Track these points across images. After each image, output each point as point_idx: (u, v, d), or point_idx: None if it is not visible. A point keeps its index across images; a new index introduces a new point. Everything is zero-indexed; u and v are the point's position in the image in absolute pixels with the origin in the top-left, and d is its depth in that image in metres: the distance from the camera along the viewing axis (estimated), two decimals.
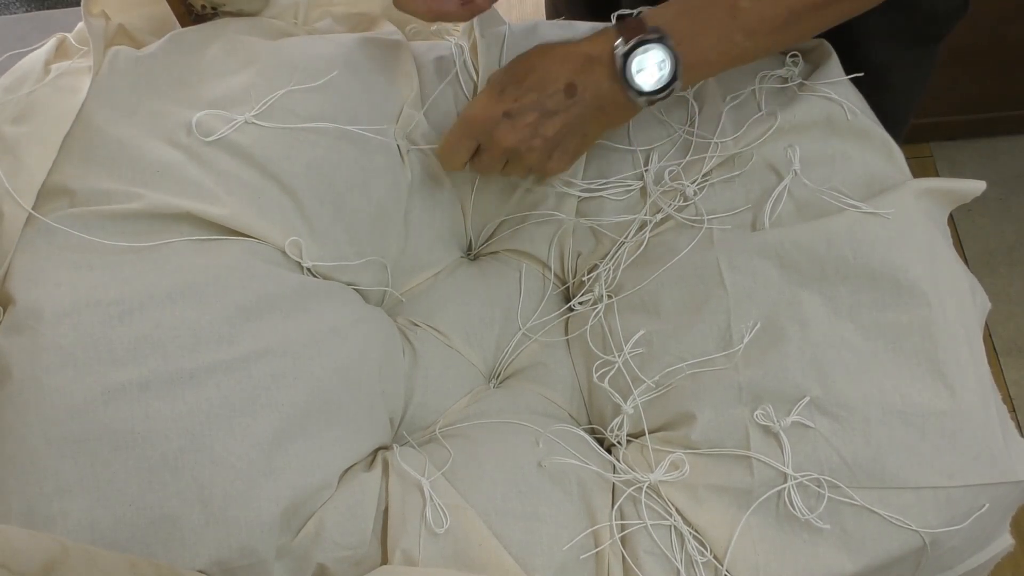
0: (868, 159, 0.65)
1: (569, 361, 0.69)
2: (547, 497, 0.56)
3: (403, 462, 0.57)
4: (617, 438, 0.63)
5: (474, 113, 0.61)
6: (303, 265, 0.61)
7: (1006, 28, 1.26)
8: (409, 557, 0.53)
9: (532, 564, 0.53)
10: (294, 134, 0.60)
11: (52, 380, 0.50)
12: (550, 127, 0.61)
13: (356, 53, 0.66)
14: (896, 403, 0.56)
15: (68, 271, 0.54)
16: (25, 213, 0.55)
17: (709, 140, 0.66)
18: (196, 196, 0.57)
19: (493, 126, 0.61)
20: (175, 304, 0.53)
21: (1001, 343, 1.35)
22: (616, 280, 0.67)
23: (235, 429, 0.51)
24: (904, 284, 0.58)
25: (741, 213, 0.64)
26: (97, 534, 0.48)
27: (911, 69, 0.78)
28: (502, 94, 0.60)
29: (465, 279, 0.71)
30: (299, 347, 0.56)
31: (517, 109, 0.60)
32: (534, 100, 0.60)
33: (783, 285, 0.60)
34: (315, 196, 0.61)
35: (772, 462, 0.55)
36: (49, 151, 0.57)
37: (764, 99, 0.67)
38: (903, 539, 0.54)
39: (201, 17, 0.68)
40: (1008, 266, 1.42)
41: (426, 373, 0.66)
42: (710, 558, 0.55)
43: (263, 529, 0.51)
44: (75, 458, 0.49)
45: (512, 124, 0.60)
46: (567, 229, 0.70)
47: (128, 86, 0.61)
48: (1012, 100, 1.45)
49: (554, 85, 0.59)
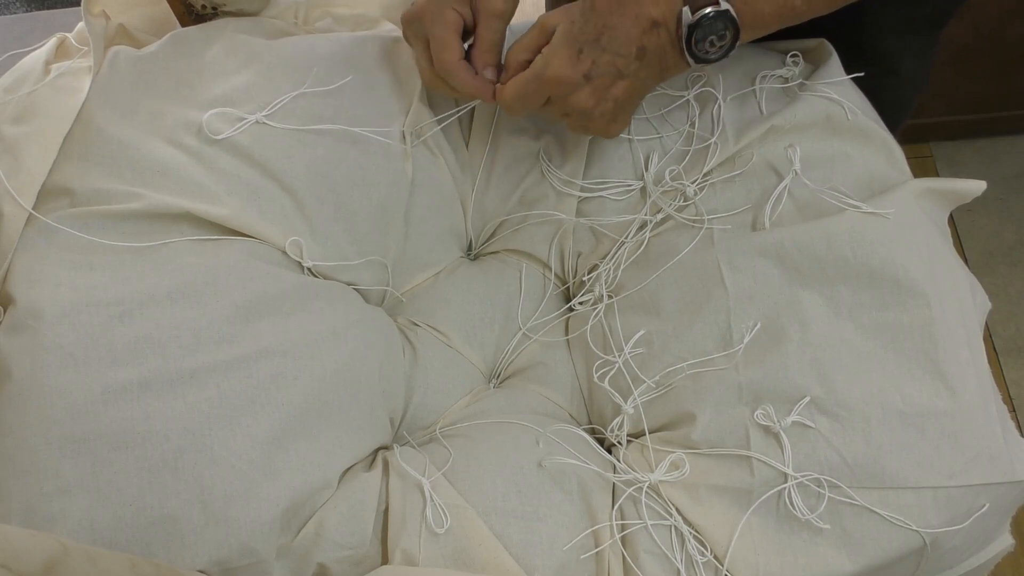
0: (868, 159, 0.65)
1: (569, 361, 0.69)
2: (547, 497, 0.56)
3: (403, 462, 0.57)
4: (617, 438, 0.63)
5: (556, 74, 0.59)
6: (303, 265, 0.61)
7: (1006, 28, 1.26)
8: (409, 557, 0.53)
9: (532, 564, 0.53)
10: (295, 134, 0.60)
11: (52, 380, 0.50)
12: (621, 91, 0.61)
13: (358, 52, 0.67)
14: (896, 403, 0.56)
15: (68, 271, 0.54)
16: (25, 213, 0.55)
17: (709, 140, 0.66)
18: (196, 196, 0.57)
19: (573, 88, 0.60)
20: (175, 304, 0.53)
21: (1001, 343, 1.35)
22: (616, 280, 0.67)
23: (235, 429, 0.51)
24: (904, 284, 0.58)
25: (741, 213, 0.64)
26: (97, 534, 0.48)
27: (916, 55, 0.78)
28: (580, 54, 0.59)
29: (465, 279, 0.71)
30: (299, 347, 0.56)
31: (595, 72, 0.59)
32: (609, 62, 0.59)
33: (783, 285, 0.60)
34: (315, 196, 0.61)
35: (772, 462, 0.55)
36: (49, 151, 0.57)
37: (764, 99, 0.67)
38: (903, 539, 0.54)
39: (201, 17, 0.68)
40: (1008, 266, 1.42)
41: (426, 373, 0.66)
42: (710, 558, 0.55)
43: (263, 529, 0.51)
44: (75, 458, 0.49)
45: (591, 88, 0.60)
46: (567, 229, 0.70)
47: (128, 86, 0.61)
48: (1012, 100, 1.45)
49: (628, 47, 0.59)
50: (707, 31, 0.58)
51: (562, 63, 0.59)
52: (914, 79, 0.81)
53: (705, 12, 0.57)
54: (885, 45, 0.73)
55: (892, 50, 0.75)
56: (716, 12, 0.57)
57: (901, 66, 0.78)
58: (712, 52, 0.59)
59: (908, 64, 0.78)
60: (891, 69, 0.76)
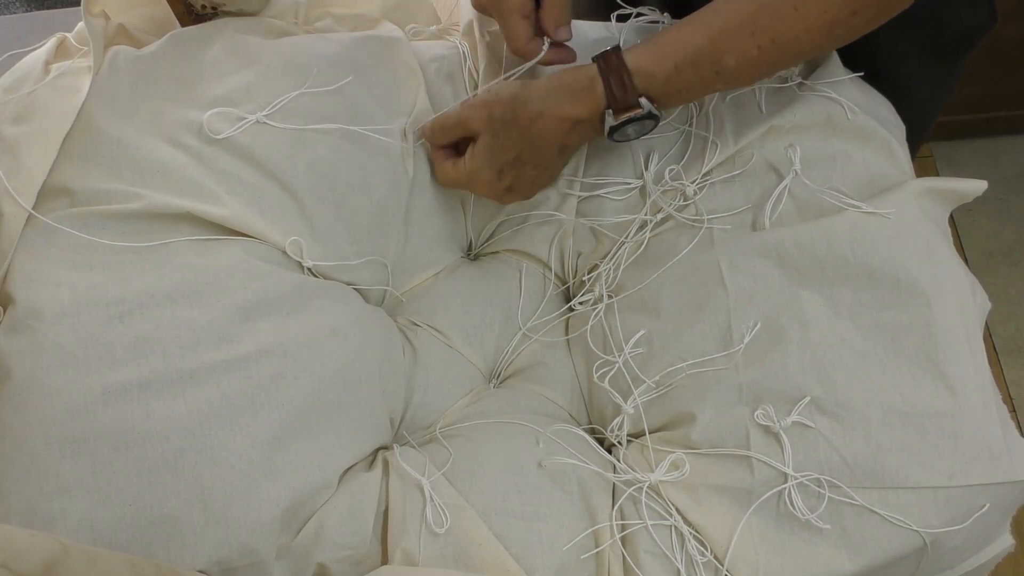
0: (869, 159, 0.64)
1: (569, 361, 0.69)
2: (547, 497, 0.56)
3: (403, 462, 0.57)
4: (617, 438, 0.63)
5: (481, 192, 0.66)
6: (303, 265, 0.61)
7: (1006, 28, 1.26)
8: (409, 557, 0.53)
9: (532, 564, 0.53)
10: (296, 134, 0.60)
11: (52, 380, 0.50)
12: (545, 176, 0.66)
13: (358, 52, 0.66)
14: (896, 403, 0.56)
15: (68, 271, 0.54)
16: (25, 213, 0.55)
17: (709, 140, 0.66)
18: (196, 196, 0.57)
19: (498, 199, 0.67)
20: (175, 304, 0.53)
21: (1001, 343, 1.35)
22: (616, 280, 0.67)
23: (235, 429, 0.51)
24: (904, 284, 0.58)
25: (741, 213, 0.64)
26: (97, 534, 0.48)
27: (935, 85, 0.78)
28: (501, 175, 0.63)
29: (465, 279, 0.71)
30: (299, 347, 0.56)
31: (517, 183, 0.64)
32: (531, 169, 0.63)
33: (783, 285, 0.60)
34: (316, 196, 0.61)
35: (772, 462, 0.55)
36: (49, 151, 0.57)
37: (764, 99, 0.67)
38: (903, 539, 0.54)
39: (201, 17, 0.68)
40: (1008, 266, 1.42)
41: (426, 373, 0.66)
42: (710, 558, 0.55)
43: (263, 529, 0.51)
44: (75, 458, 0.49)
45: (513, 192, 0.65)
46: (567, 229, 0.70)
47: (128, 86, 0.61)
48: (1012, 100, 1.45)
49: (548, 152, 0.63)
50: (631, 126, 0.60)
51: (485, 186, 0.64)
52: (929, 107, 0.79)
53: (629, 115, 0.59)
54: (902, 72, 0.73)
55: (909, 78, 0.74)
56: (639, 115, 0.59)
57: (917, 93, 0.76)
58: (632, 135, 0.62)
59: (924, 92, 0.77)
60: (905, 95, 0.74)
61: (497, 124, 0.61)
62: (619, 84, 0.58)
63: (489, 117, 0.62)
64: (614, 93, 0.58)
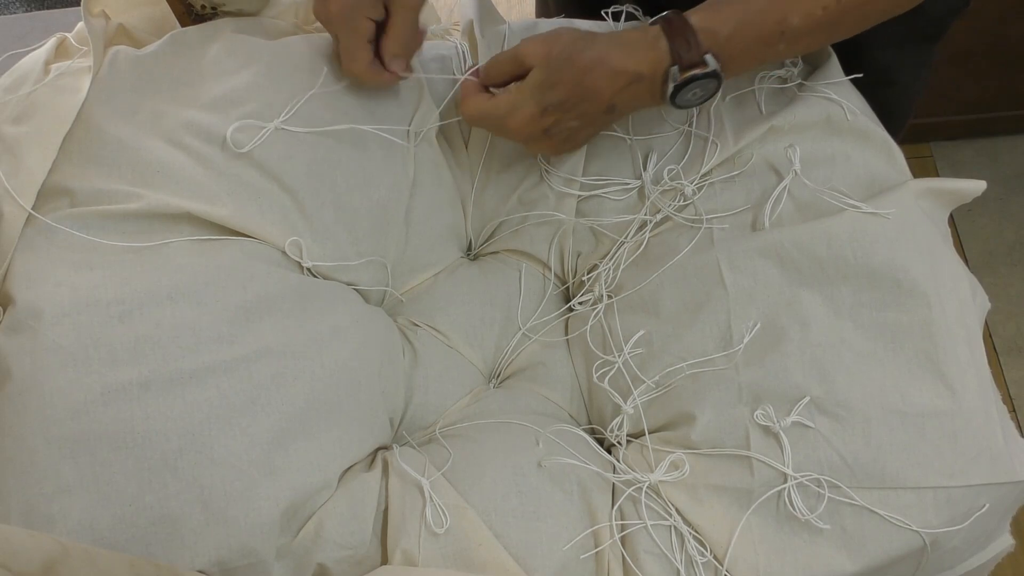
0: (868, 159, 0.65)
1: (569, 361, 0.69)
2: (547, 497, 0.56)
3: (403, 462, 0.57)
4: (617, 438, 0.63)
5: (517, 127, 0.62)
6: (303, 265, 0.61)
7: (1006, 28, 1.26)
8: (409, 557, 0.53)
9: (532, 564, 0.53)
10: (296, 134, 0.60)
11: (52, 380, 0.50)
12: (580, 135, 0.64)
13: None
14: (896, 403, 0.56)
15: (68, 271, 0.54)
16: (25, 213, 0.55)
17: (708, 140, 0.66)
18: (196, 196, 0.57)
19: (529, 138, 0.63)
20: (175, 304, 0.53)
21: (1001, 343, 1.35)
22: (616, 280, 0.67)
23: (235, 429, 0.51)
24: (904, 284, 0.58)
25: (741, 213, 0.64)
26: (97, 534, 0.48)
27: (913, 68, 0.80)
28: (544, 113, 0.60)
29: (465, 279, 0.71)
30: (299, 347, 0.56)
31: (556, 129, 0.62)
32: (574, 119, 0.61)
33: (783, 285, 0.60)
34: (316, 196, 0.61)
35: (772, 462, 0.55)
36: (49, 151, 0.57)
37: (764, 99, 0.67)
38: (903, 539, 0.54)
39: (201, 17, 0.68)
40: (1008, 266, 1.42)
41: (426, 373, 0.66)
42: (710, 558, 0.55)
43: (263, 529, 0.51)
44: (75, 458, 0.49)
45: (548, 138, 0.62)
46: (567, 229, 0.70)
47: (128, 86, 0.61)
48: (1012, 100, 1.45)
49: (597, 106, 0.60)
50: (695, 87, 0.59)
51: (524, 120, 0.61)
52: (911, 89, 0.82)
53: (694, 73, 0.58)
54: (882, 57, 0.74)
55: (889, 62, 0.76)
56: (705, 73, 0.58)
57: (898, 77, 0.79)
58: (694, 100, 0.61)
59: (905, 75, 0.79)
60: (888, 80, 0.77)
61: (554, 62, 0.59)
62: (683, 41, 0.57)
63: (548, 54, 0.59)
64: (678, 50, 0.57)
